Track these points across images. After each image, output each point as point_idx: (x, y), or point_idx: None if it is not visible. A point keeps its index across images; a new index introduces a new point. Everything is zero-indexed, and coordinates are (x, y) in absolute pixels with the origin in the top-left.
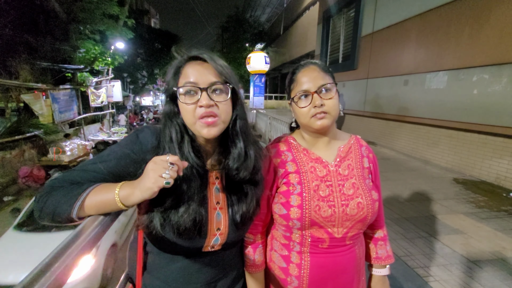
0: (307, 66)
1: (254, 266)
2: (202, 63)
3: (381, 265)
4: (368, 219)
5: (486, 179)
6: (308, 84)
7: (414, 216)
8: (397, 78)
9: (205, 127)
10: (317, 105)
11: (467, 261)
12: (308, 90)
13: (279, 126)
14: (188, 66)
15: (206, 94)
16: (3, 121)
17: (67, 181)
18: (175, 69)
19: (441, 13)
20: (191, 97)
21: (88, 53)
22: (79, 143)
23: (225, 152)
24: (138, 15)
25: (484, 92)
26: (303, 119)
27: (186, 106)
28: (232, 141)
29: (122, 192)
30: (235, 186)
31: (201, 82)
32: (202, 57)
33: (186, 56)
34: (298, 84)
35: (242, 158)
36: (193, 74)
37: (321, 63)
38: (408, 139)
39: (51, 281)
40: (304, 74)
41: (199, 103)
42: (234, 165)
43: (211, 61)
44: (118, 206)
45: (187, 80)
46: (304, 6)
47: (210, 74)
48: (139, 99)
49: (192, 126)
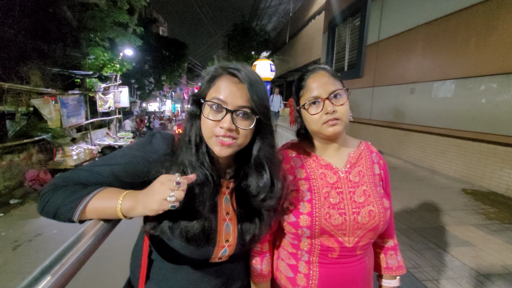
0: (316, 71)
1: (261, 276)
2: (238, 82)
3: (391, 276)
4: (380, 228)
5: (496, 190)
6: (318, 90)
7: (421, 226)
8: (404, 87)
9: (219, 146)
10: (329, 111)
11: (478, 274)
12: (319, 96)
13: (284, 133)
14: (223, 80)
15: (230, 117)
16: (13, 124)
17: (72, 180)
18: (210, 77)
19: (448, 22)
20: (215, 113)
21: (97, 59)
22: (86, 147)
23: (241, 171)
24: (147, 23)
25: (493, 101)
26: (314, 126)
27: (207, 120)
28: (256, 169)
29: (125, 204)
30: (248, 205)
31: (230, 103)
32: (239, 76)
33: (225, 68)
34: (308, 91)
35: (268, 188)
36: (225, 92)
37: (330, 68)
38: (415, 148)
39: (51, 285)
40: (314, 80)
41: (221, 124)
42: (260, 196)
43: (246, 83)
44: (119, 216)
45: (217, 96)
46: (310, 15)
47: (241, 96)
48: (146, 105)
49: (208, 139)
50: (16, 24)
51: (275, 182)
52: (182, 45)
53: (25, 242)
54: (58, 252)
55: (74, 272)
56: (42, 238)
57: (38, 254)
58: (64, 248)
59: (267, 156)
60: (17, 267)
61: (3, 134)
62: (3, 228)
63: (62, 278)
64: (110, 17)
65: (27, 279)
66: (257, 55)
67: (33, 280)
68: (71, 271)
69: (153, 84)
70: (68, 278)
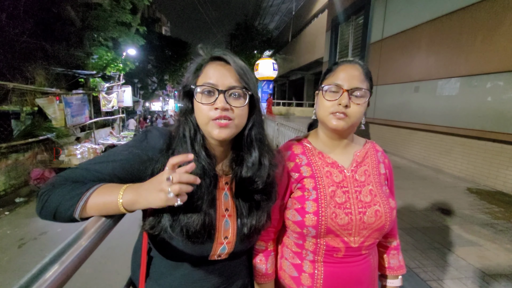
0: (352, 63)
1: (265, 275)
2: (224, 64)
3: (393, 276)
4: (386, 228)
5: (502, 189)
6: (343, 80)
7: (426, 226)
8: (408, 85)
9: (217, 128)
10: (342, 103)
11: (484, 274)
12: (341, 85)
13: (286, 132)
14: (210, 66)
15: (223, 97)
16: (18, 124)
17: (70, 179)
18: (196, 66)
19: (453, 19)
20: (207, 97)
21: (101, 59)
22: (90, 146)
23: (237, 159)
24: (149, 23)
25: (499, 99)
26: (322, 112)
27: (201, 105)
28: (247, 148)
29: (126, 197)
30: (246, 195)
31: (220, 84)
32: (225, 58)
33: (209, 55)
34: (334, 76)
35: (256, 167)
36: (214, 75)
37: (366, 66)
38: (419, 147)
39: (49, 282)
40: (344, 69)
41: (215, 105)
42: (247, 174)
43: (234, 64)
44: (120, 210)
45: (206, 81)
46: (312, 14)
47: (231, 77)
48: (149, 104)
49: (204, 126)
50: (20, 25)
51: (262, 161)
52: (184, 44)
53: (30, 240)
54: (58, 249)
55: (74, 270)
56: (47, 237)
57: (43, 252)
58: (64, 246)
59: (257, 135)
60: (22, 265)
61: (9, 133)
62: (9, 226)
63: (62, 276)
64: (113, 16)
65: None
66: (259, 54)
67: (30, 278)
68: (71, 270)
69: (156, 84)
70: (68, 276)
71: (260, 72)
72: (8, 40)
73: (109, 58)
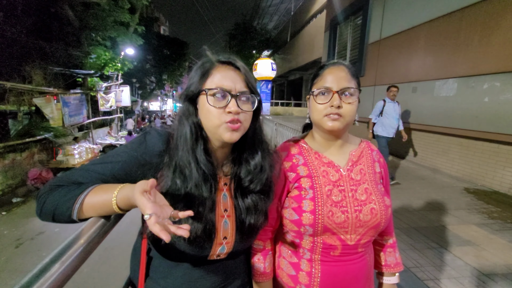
0: (337, 65)
1: (264, 274)
2: (234, 69)
3: (390, 273)
4: (381, 225)
5: (498, 190)
6: (332, 82)
7: (423, 226)
8: (405, 85)
9: (229, 131)
10: (334, 105)
11: (480, 274)
12: (330, 88)
13: (285, 132)
14: (220, 70)
15: (235, 101)
16: (15, 123)
17: (68, 180)
18: (203, 70)
19: (451, 20)
20: (219, 101)
21: (99, 58)
22: (87, 146)
23: (237, 160)
24: (148, 22)
25: (496, 100)
26: (316, 116)
27: (212, 109)
28: (249, 151)
29: (120, 194)
30: (244, 195)
31: (233, 89)
32: (236, 64)
33: (217, 59)
34: (322, 80)
35: (258, 170)
36: (226, 80)
37: (351, 66)
38: (417, 147)
39: (50, 282)
40: (331, 71)
41: (228, 109)
42: (248, 176)
43: (243, 69)
44: (115, 209)
45: (219, 85)
46: (311, 14)
47: (241, 81)
48: (147, 104)
49: (215, 129)
50: (18, 24)
51: (263, 163)
52: (183, 44)
53: (28, 240)
54: (57, 250)
55: (75, 270)
56: (44, 237)
57: (40, 252)
58: (63, 247)
59: (259, 138)
60: (19, 265)
61: (6, 133)
62: (6, 226)
63: (63, 276)
64: (112, 16)
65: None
66: (258, 54)
67: (31, 278)
68: (71, 269)
69: (154, 83)
70: (68, 276)
71: (258, 72)
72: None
73: (107, 58)
